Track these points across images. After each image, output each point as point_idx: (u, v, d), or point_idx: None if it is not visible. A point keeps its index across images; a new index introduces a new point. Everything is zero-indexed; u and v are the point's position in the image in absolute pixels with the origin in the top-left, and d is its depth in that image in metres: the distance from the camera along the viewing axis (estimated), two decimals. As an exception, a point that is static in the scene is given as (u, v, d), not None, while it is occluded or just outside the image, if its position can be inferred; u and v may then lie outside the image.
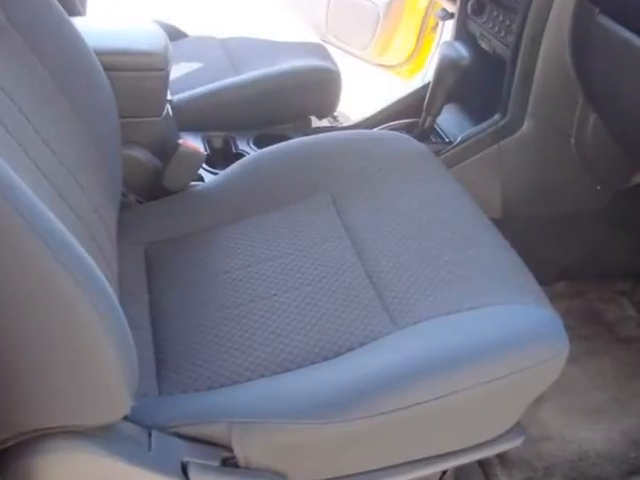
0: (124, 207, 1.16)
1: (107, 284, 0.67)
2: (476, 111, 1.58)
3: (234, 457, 0.80)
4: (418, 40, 2.32)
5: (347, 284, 0.99)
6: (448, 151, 1.49)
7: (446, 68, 1.50)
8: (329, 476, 0.87)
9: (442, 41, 1.89)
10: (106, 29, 1.26)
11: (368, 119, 1.68)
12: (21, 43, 0.90)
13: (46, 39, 0.97)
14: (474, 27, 1.59)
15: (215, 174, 1.36)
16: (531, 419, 1.32)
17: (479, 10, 1.55)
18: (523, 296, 0.95)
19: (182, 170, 1.24)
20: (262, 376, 0.88)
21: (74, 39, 1.04)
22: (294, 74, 1.61)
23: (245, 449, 0.80)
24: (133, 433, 0.77)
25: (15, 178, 0.60)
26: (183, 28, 1.92)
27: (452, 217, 1.09)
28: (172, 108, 1.40)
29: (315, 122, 1.68)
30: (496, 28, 1.48)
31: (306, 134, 1.47)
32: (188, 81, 1.61)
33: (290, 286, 1.00)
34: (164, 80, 1.23)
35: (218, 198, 1.20)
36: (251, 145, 1.53)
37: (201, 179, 1.34)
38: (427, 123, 1.56)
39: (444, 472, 1.09)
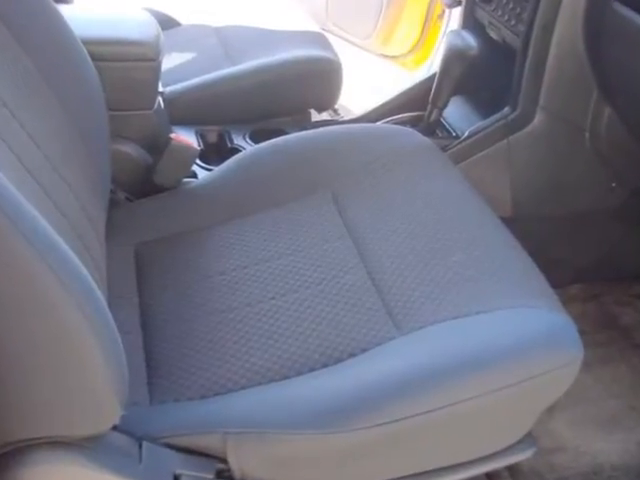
0: (113, 205, 1.16)
1: (94, 286, 0.67)
2: (484, 104, 1.58)
3: (229, 469, 0.80)
4: (423, 29, 2.31)
5: (348, 287, 0.99)
6: (455, 146, 1.49)
7: (453, 58, 1.50)
8: (329, 489, 0.87)
9: (449, 30, 1.89)
10: (94, 17, 1.26)
11: (370, 112, 1.68)
12: (5, 34, 0.90)
13: (32, 29, 0.97)
14: (482, 15, 1.59)
15: (209, 170, 1.36)
16: (543, 429, 1.32)
17: (488, -3, 1.55)
18: (534, 299, 0.95)
19: (174, 166, 1.24)
20: (259, 384, 0.87)
21: (61, 28, 1.04)
22: (292, 65, 1.61)
23: (241, 461, 0.80)
24: (123, 444, 0.77)
25: (-2, 174, 0.60)
26: (175, 16, 1.92)
27: (459, 216, 1.09)
28: (164, 100, 1.40)
29: (315, 116, 1.68)
30: (506, 16, 1.48)
31: (305, 128, 1.47)
32: (181, 72, 1.61)
33: (288, 289, 1.00)
34: (155, 71, 1.23)
35: (212, 196, 1.20)
36: (247, 140, 1.53)
37: (194, 176, 1.34)
38: (433, 116, 1.56)
39: (451, 485, 1.09)
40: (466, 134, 1.50)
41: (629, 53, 1.22)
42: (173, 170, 1.25)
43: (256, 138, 1.51)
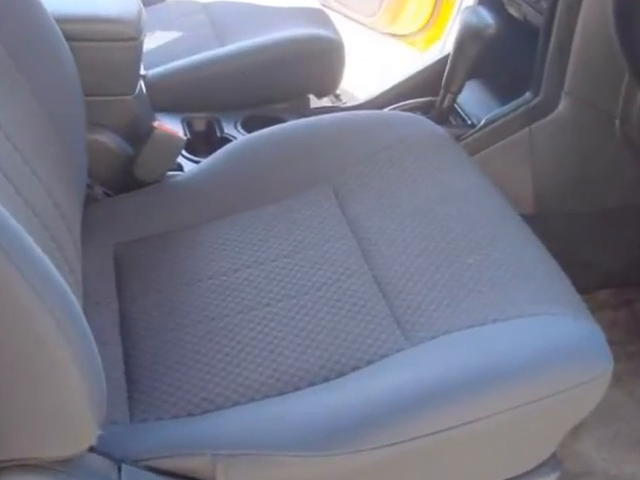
0: (90, 201, 1.16)
1: (69, 291, 0.67)
2: (503, 89, 1.59)
3: (219, 495, 0.80)
4: (435, 5, 2.32)
5: (352, 292, 0.99)
6: (470, 135, 1.49)
7: (468, 38, 1.50)
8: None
9: (463, 6, 1.89)
10: (68, -8, 1.26)
11: (376, 98, 1.68)
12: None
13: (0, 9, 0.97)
14: (501, -11, 1.60)
15: (196, 162, 1.36)
16: (568, 451, 1.32)
17: (507, -30, 1.56)
18: (559, 306, 0.95)
19: (157, 158, 1.25)
20: (252, 400, 0.88)
21: (32, 5, 1.04)
22: (289, 45, 1.61)
23: (232, 486, 0.80)
24: (100, 467, 0.77)
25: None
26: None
27: (475, 213, 1.09)
28: (146, 85, 1.40)
29: (314, 101, 1.68)
30: (527, -9, 1.48)
31: (304, 116, 1.47)
32: (165, 53, 1.61)
33: (285, 294, 1.00)
34: (136, 52, 1.23)
35: (200, 190, 1.21)
36: (239, 128, 1.53)
37: (180, 168, 1.35)
38: (446, 103, 1.57)
39: (466, 513, 1.09)
40: (483, 122, 1.50)
41: (664, 32, 1.22)
42: (156, 162, 1.25)
43: (249, 126, 1.51)
